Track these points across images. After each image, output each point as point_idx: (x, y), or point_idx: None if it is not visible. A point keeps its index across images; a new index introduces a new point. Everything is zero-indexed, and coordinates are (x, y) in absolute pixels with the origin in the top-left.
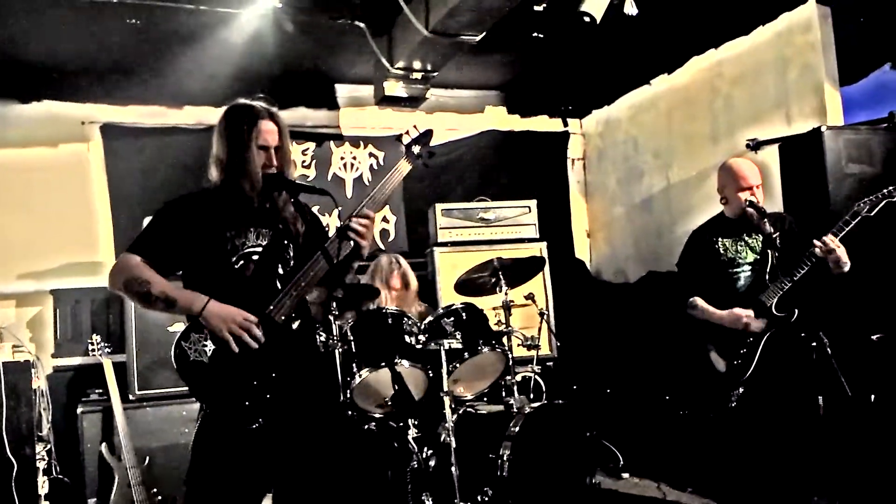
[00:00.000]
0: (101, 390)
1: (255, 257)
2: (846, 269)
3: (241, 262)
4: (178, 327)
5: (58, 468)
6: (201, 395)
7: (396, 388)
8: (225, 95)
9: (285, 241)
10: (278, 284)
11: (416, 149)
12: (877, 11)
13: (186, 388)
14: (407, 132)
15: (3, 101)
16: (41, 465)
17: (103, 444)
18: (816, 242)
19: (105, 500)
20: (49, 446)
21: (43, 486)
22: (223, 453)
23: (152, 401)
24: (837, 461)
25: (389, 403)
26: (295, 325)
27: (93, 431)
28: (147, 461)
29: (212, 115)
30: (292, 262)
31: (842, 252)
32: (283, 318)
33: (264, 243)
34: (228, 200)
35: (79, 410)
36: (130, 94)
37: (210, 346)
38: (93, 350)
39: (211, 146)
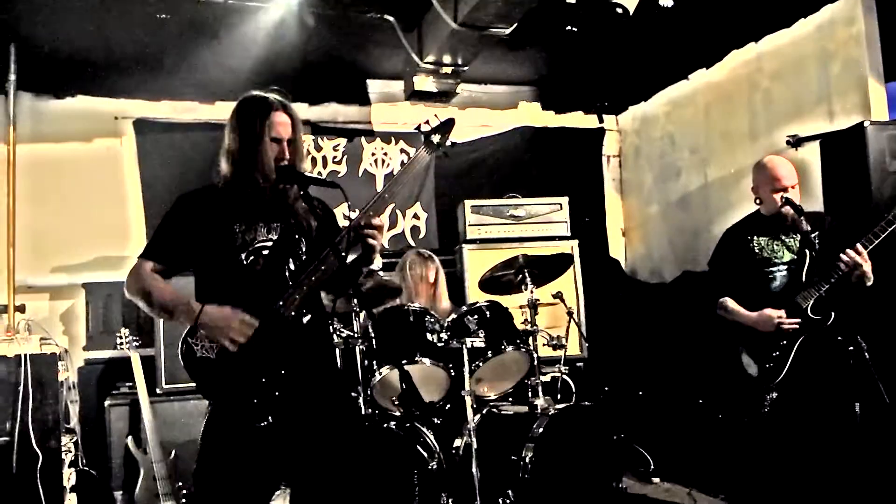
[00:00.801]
0: (130, 384)
1: (266, 252)
2: (869, 283)
3: (252, 257)
4: None
5: (84, 460)
6: (208, 392)
7: (404, 387)
8: (255, 90)
9: (297, 236)
10: (288, 279)
11: (435, 138)
12: None
13: None
14: (427, 121)
15: (37, 96)
16: (68, 457)
17: (129, 437)
18: (843, 256)
19: (131, 493)
20: (76, 438)
21: (69, 478)
22: (231, 450)
23: (179, 395)
24: (875, 471)
25: (396, 403)
26: (305, 320)
27: (120, 424)
28: (173, 455)
29: None
30: (304, 257)
31: (867, 267)
32: (292, 313)
33: (275, 237)
34: (239, 194)
35: (106, 403)
36: (162, 89)
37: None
38: (121, 344)
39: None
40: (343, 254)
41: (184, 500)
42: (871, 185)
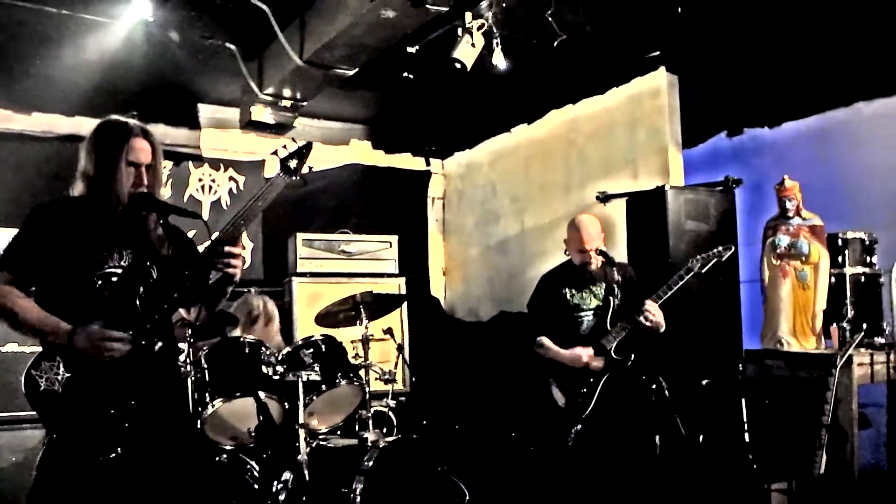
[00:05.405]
0: None
1: (114, 279)
2: (661, 330)
3: (100, 282)
4: (11, 347)
5: None
6: (54, 425)
7: (261, 418)
8: (80, 105)
9: (148, 263)
10: (139, 306)
11: (292, 163)
12: (718, 83)
13: (19, 414)
14: (285, 146)
15: None
16: None
17: None
18: (643, 309)
19: None
20: None
21: None
22: (74, 482)
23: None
24: (672, 498)
25: (253, 434)
26: (156, 348)
27: None
28: None
29: (63, 124)
30: (155, 285)
31: (659, 318)
32: (143, 341)
33: (125, 264)
34: (93, 217)
35: None
36: None
37: (63, 374)
38: None
39: (68, 158)
40: (199, 281)
41: None
42: (668, 240)
